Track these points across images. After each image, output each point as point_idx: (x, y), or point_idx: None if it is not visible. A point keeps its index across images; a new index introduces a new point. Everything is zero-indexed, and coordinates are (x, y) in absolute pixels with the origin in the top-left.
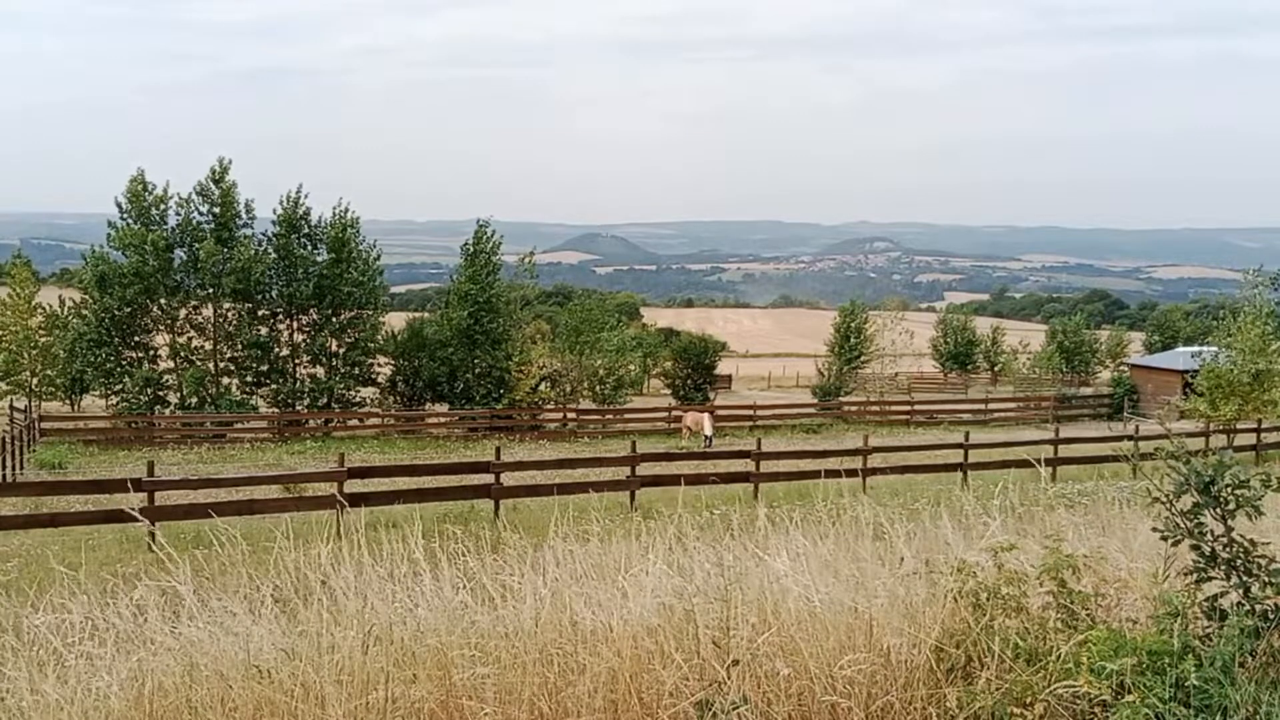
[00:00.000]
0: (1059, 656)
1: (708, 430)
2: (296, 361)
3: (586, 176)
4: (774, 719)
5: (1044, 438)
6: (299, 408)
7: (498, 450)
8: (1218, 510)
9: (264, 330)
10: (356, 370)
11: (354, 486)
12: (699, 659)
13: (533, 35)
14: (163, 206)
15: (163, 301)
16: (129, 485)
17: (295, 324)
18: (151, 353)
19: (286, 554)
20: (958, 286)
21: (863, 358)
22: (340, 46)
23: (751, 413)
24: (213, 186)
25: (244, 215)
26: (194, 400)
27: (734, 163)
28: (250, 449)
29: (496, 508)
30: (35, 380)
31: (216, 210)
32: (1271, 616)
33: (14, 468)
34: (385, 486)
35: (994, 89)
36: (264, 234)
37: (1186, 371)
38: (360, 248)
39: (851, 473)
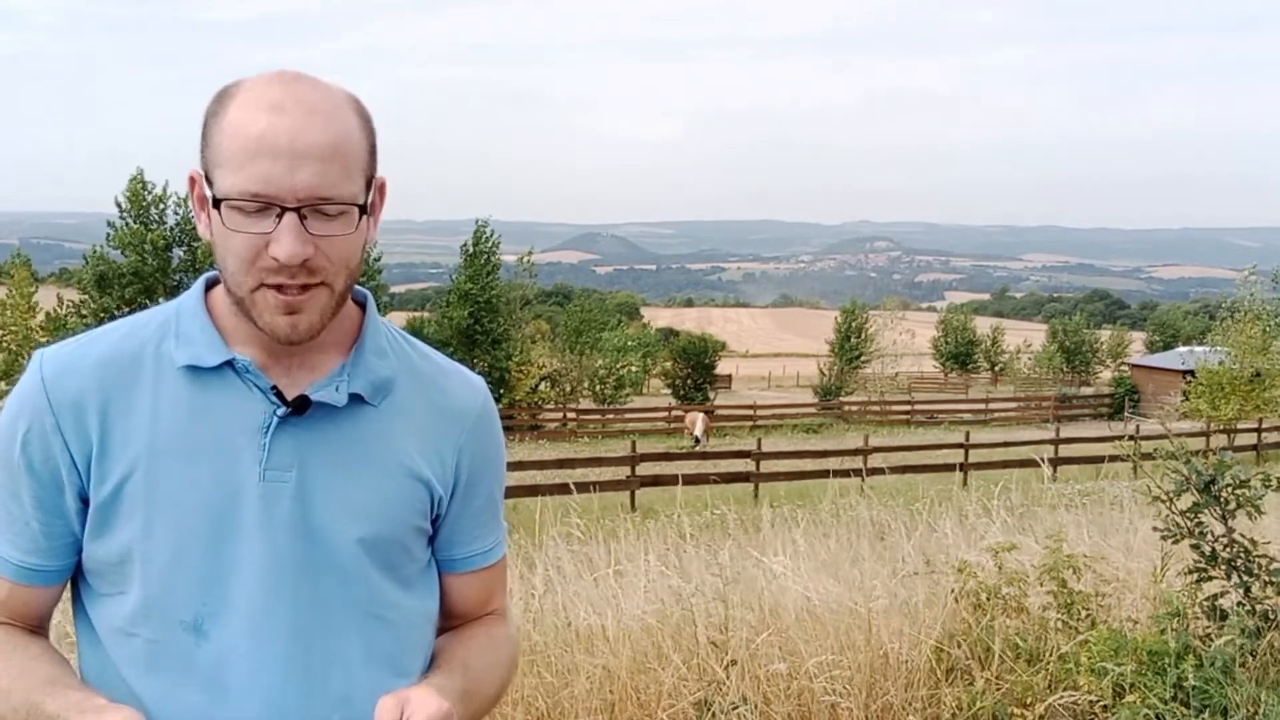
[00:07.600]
0: (1059, 656)
1: (698, 431)
2: None
3: (586, 176)
4: (773, 719)
5: (1044, 437)
6: None
7: None
8: (1218, 510)
9: None
10: None
11: None
12: (697, 659)
13: (533, 35)
14: (162, 206)
15: (162, 301)
16: None
17: None
18: None
19: None
20: (958, 286)
21: (863, 358)
22: (340, 46)
23: (752, 412)
24: None
25: None
26: None
27: (734, 163)
28: None
29: None
30: None
31: None
32: (1272, 616)
33: None
34: None
35: (994, 89)
36: None
37: (1187, 372)
38: None
39: (853, 472)
